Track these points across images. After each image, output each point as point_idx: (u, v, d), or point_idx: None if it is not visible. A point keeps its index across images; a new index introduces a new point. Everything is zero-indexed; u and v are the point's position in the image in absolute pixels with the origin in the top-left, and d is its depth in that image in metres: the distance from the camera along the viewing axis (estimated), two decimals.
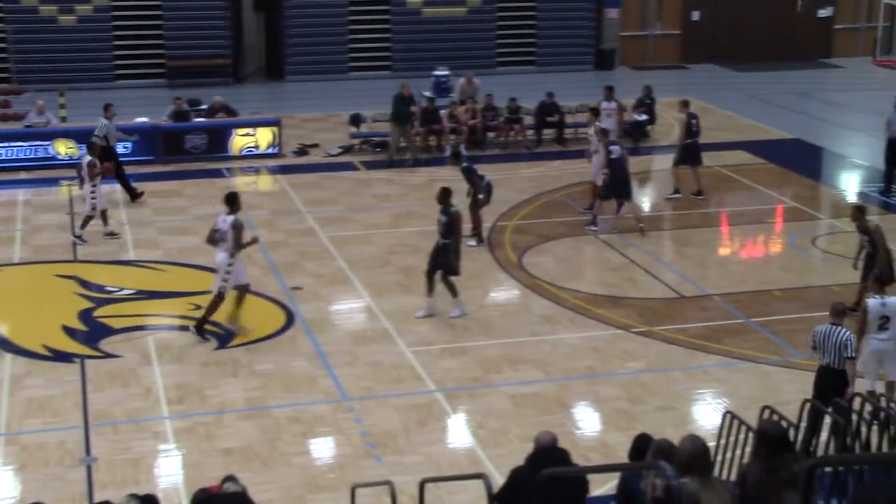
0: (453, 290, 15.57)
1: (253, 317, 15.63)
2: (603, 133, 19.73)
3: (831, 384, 11.46)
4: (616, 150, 19.04)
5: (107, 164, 19.25)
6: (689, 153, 20.90)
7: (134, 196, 20.94)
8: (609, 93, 23.70)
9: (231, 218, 14.72)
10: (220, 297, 14.76)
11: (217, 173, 22.74)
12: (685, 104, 21.49)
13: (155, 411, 12.89)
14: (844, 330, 11.68)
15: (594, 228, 19.07)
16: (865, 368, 12.35)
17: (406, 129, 23.60)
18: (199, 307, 15.82)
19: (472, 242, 18.09)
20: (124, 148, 23.16)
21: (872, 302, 12.40)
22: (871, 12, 35.50)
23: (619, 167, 18.88)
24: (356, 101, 27.64)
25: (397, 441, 12.18)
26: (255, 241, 15.52)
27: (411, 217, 19.93)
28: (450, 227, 15.44)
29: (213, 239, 14.88)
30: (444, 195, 15.61)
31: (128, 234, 19.07)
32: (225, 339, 14.81)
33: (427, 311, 15.55)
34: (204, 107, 25.19)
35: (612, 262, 17.98)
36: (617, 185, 18.91)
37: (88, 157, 18.60)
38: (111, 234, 18.70)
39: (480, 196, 18.28)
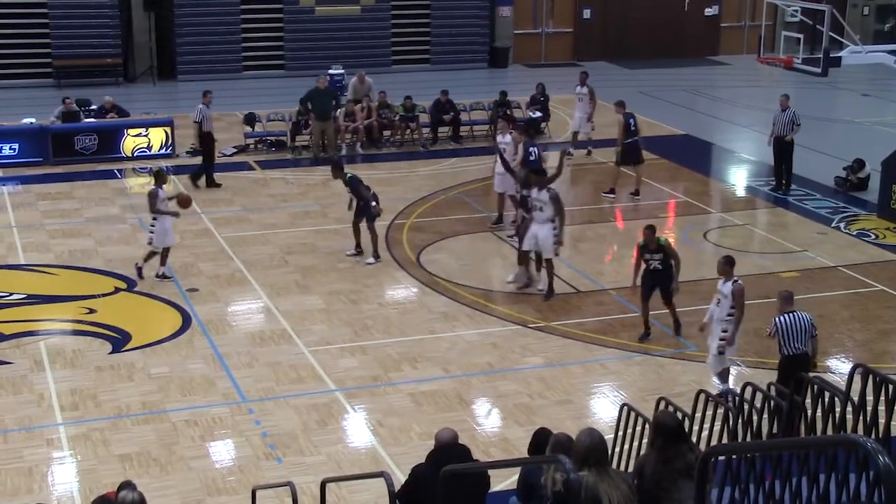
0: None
1: (148, 319, 15.43)
2: (525, 131, 19.71)
3: (805, 368, 11.46)
4: (535, 151, 18.67)
5: (184, 194, 17.46)
6: (630, 153, 21.06)
7: (210, 183, 21.44)
8: (583, 78, 24.18)
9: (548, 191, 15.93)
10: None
11: (109, 174, 22.35)
12: (621, 105, 21.49)
13: (48, 418, 12.61)
14: (803, 312, 12.03)
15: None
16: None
17: (329, 124, 23.54)
18: (92, 311, 15.57)
19: (371, 259, 17.46)
20: (11, 150, 22.67)
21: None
22: (754, 11, 36.38)
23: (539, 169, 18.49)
24: (250, 101, 27.42)
25: (298, 441, 12.12)
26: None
27: (309, 216, 19.84)
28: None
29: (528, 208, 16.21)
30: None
31: (17, 237, 18.63)
32: (122, 343, 14.57)
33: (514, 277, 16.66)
34: (94, 107, 24.73)
35: (509, 259, 18.12)
36: None
37: (151, 187, 16.89)
38: (163, 277, 16.70)
39: (374, 204, 17.52)
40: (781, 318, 11.88)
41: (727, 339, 12.83)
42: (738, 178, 23.23)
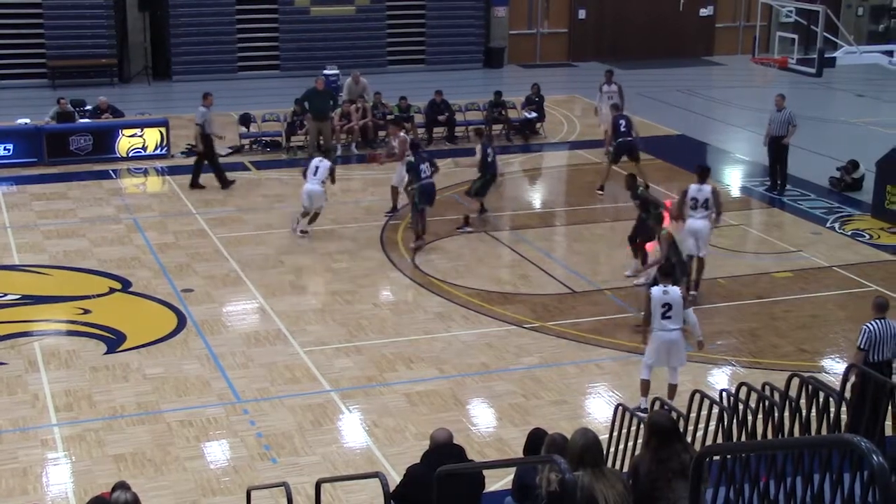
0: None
1: (143, 320, 15.42)
2: (478, 133, 20.36)
3: (887, 377, 10.87)
4: (492, 152, 19.32)
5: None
6: (620, 152, 21.38)
7: (224, 184, 21.46)
8: (609, 76, 24.58)
9: (708, 187, 16.05)
10: (703, 262, 16.19)
11: (104, 175, 22.34)
12: (615, 107, 22.27)
13: (43, 419, 12.59)
14: (890, 320, 11.57)
15: (469, 230, 19.16)
16: (656, 358, 12.65)
17: (326, 125, 23.55)
18: (87, 311, 15.55)
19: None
20: (6, 150, 22.64)
21: (655, 290, 12.59)
22: (749, 11, 36.43)
23: (495, 169, 19.30)
24: (245, 101, 27.41)
25: (293, 442, 12.12)
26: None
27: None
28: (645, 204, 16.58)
29: (682, 209, 16.14)
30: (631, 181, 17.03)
31: (11, 238, 18.61)
32: (117, 343, 14.55)
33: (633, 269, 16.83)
34: (89, 107, 24.69)
35: (504, 259, 18.15)
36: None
37: (328, 162, 18.72)
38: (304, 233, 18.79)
39: (412, 188, 18.34)
40: (870, 325, 11.50)
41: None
42: (733, 179, 23.24)
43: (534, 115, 25.65)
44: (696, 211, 15.98)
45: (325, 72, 27.39)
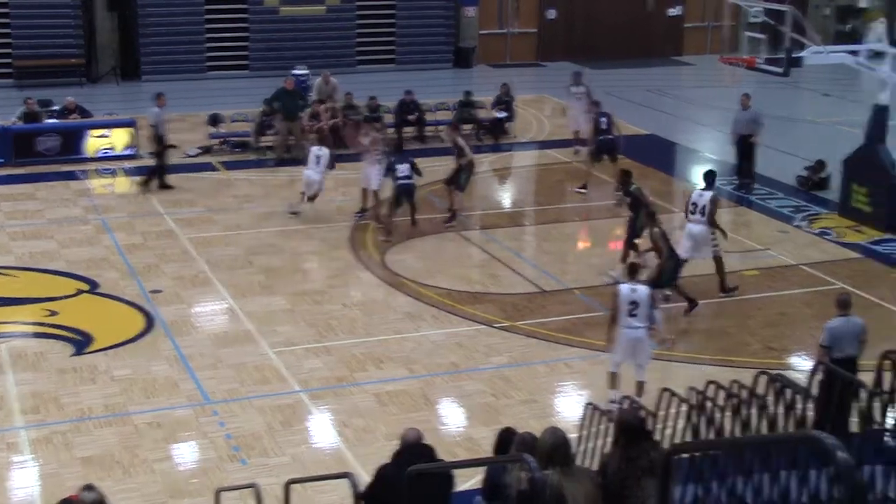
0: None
1: (111, 321, 15.32)
2: (454, 128, 21.14)
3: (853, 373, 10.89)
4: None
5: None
6: (601, 150, 21.51)
7: (163, 185, 21.32)
8: (577, 77, 24.69)
9: (709, 193, 16.20)
10: (719, 262, 16.24)
11: (71, 175, 22.18)
12: (595, 104, 22.44)
13: (8, 422, 12.49)
14: (855, 317, 11.66)
15: (453, 224, 19.30)
16: (622, 355, 12.69)
17: (296, 125, 23.48)
18: (54, 313, 15.44)
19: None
20: None
21: (623, 287, 12.64)
22: (717, 11, 36.59)
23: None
24: (214, 101, 27.27)
25: (262, 443, 12.08)
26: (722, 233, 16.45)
27: (273, 217, 19.76)
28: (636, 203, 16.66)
29: (688, 212, 16.30)
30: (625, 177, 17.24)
31: None
32: (84, 345, 14.45)
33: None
34: (56, 108, 24.50)
35: (473, 259, 18.16)
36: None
37: (327, 150, 19.61)
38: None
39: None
40: (832, 322, 11.58)
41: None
42: (702, 178, 23.28)
43: (503, 114, 25.67)
44: (694, 215, 16.12)
45: (295, 72, 27.30)
